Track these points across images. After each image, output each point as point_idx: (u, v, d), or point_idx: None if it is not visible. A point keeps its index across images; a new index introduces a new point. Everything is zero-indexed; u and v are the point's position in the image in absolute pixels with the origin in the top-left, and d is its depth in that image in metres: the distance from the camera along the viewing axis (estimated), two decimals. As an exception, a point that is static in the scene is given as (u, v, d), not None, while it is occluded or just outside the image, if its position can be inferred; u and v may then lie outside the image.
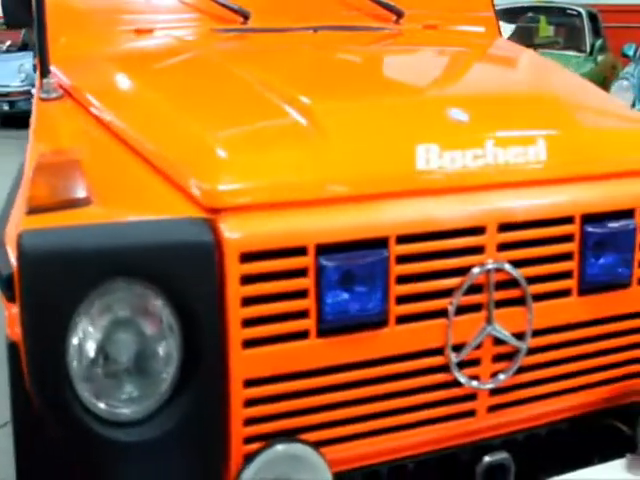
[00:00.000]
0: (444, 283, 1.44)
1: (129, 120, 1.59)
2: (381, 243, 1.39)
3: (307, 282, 1.35)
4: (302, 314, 1.37)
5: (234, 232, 1.31)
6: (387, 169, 1.44)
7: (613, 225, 1.56)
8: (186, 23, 2.14)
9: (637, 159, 1.63)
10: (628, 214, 1.58)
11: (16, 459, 1.46)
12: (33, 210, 1.32)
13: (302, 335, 1.37)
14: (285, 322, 1.36)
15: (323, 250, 1.35)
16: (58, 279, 1.25)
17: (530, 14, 7.77)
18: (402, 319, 1.43)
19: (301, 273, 1.35)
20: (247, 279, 1.32)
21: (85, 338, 1.30)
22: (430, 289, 1.44)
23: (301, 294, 1.36)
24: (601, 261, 1.57)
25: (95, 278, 1.27)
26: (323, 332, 1.38)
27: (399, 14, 2.35)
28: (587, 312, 1.58)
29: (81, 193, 1.34)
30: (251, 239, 1.32)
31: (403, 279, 1.42)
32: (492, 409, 1.55)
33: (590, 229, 1.54)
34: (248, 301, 1.33)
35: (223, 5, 2.16)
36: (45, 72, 1.83)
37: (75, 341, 1.29)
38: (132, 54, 1.98)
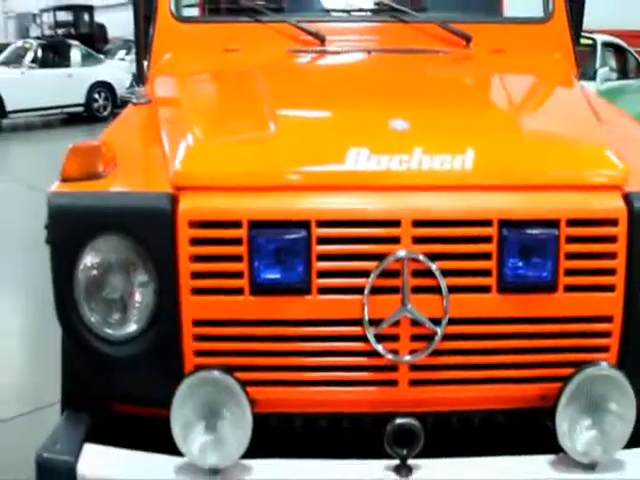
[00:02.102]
0: (362, 265, 1.73)
1: (166, 120, 2.07)
2: (303, 225, 1.72)
3: (241, 249, 1.73)
4: (239, 275, 1.74)
5: (186, 205, 1.73)
6: (321, 166, 1.77)
7: (533, 232, 1.73)
8: (268, 44, 2.57)
9: (566, 175, 1.78)
10: (552, 224, 1.73)
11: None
12: (64, 179, 1.85)
13: (239, 291, 1.75)
14: (225, 279, 1.74)
15: (256, 226, 1.72)
16: (68, 228, 1.78)
17: None
18: (323, 290, 1.74)
19: (237, 242, 1.73)
20: (195, 241, 1.74)
21: (86, 274, 1.79)
22: (349, 269, 1.74)
23: (237, 258, 1.74)
24: (522, 264, 1.74)
25: (90, 230, 1.76)
26: (255, 291, 1.75)
27: (467, 39, 2.58)
28: (507, 309, 1.76)
29: (98, 170, 1.85)
30: (198, 211, 1.74)
31: (324, 257, 1.73)
32: (414, 383, 1.79)
33: (507, 233, 1.72)
34: (196, 258, 1.74)
35: (302, 29, 2.57)
36: (138, 82, 2.38)
37: (80, 276, 1.79)
38: (211, 70, 2.46)
